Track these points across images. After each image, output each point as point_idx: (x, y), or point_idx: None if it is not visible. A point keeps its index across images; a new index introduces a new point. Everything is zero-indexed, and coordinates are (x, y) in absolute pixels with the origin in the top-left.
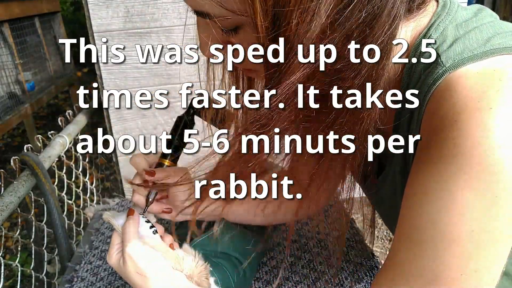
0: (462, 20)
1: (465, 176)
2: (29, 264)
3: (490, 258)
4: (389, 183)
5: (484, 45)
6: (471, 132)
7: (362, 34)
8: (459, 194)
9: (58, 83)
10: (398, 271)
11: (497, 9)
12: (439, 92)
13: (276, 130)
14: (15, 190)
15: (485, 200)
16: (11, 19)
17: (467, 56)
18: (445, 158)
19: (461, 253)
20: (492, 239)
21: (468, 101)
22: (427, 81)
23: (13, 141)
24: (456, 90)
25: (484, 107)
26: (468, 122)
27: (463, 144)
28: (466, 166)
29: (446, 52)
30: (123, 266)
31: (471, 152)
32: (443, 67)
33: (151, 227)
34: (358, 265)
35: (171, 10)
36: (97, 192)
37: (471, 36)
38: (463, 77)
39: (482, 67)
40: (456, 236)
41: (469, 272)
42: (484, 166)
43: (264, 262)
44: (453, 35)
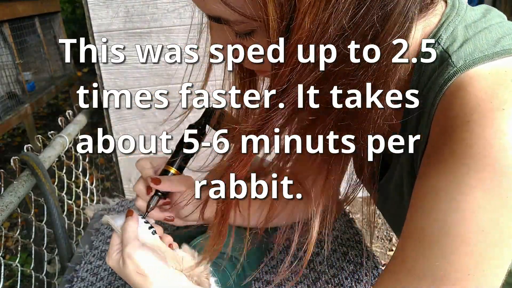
0: (471, 20)
1: (476, 176)
2: (29, 264)
3: (497, 259)
4: (394, 183)
5: (495, 46)
6: (483, 133)
7: (376, 34)
8: (470, 195)
9: (58, 83)
10: (405, 272)
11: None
12: (451, 92)
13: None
14: (15, 190)
15: (496, 201)
16: (11, 19)
17: (478, 56)
18: (457, 158)
19: (470, 253)
20: (501, 240)
21: (480, 101)
22: (438, 81)
23: (13, 141)
24: (468, 90)
25: (496, 107)
26: (480, 122)
27: (475, 145)
28: (478, 167)
29: (456, 52)
30: (122, 266)
31: (483, 152)
32: (454, 67)
33: (150, 227)
34: (358, 265)
35: (171, 10)
36: (97, 192)
37: (481, 37)
38: (475, 78)
39: (494, 67)
40: (466, 236)
41: (477, 272)
42: (496, 166)
43: (264, 262)
44: (463, 35)
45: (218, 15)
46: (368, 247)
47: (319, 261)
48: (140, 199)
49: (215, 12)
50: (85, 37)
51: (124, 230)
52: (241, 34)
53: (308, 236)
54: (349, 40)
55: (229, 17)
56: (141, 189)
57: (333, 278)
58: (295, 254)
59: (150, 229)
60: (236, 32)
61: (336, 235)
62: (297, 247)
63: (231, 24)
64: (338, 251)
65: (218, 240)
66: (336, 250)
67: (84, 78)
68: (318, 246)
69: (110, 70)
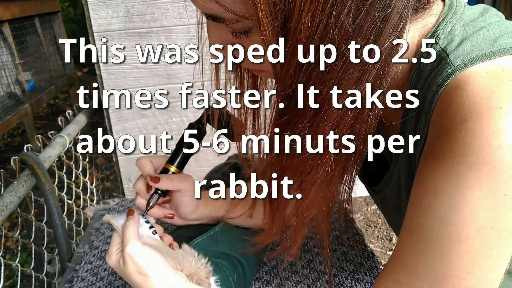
0: (469, 19)
1: (474, 175)
2: (29, 264)
3: (496, 257)
4: (394, 182)
5: (492, 45)
6: (481, 131)
7: (377, 35)
8: (468, 193)
9: (58, 83)
10: (403, 271)
11: (497, 9)
12: (449, 91)
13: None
14: (15, 190)
15: (494, 199)
16: (11, 19)
17: (476, 56)
18: (455, 156)
19: (468, 252)
20: (499, 237)
21: (478, 100)
22: (435, 80)
23: (13, 141)
24: (466, 89)
25: (494, 106)
26: (478, 121)
27: (473, 143)
28: (476, 165)
29: (454, 51)
30: (123, 266)
31: (481, 151)
32: (451, 66)
33: (151, 227)
34: (358, 265)
35: (171, 10)
36: (97, 192)
37: (479, 36)
38: (473, 77)
39: (491, 66)
40: (464, 234)
41: (476, 270)
42: (494, 165)
43: (264, 262)
44: (460, 34)
45: (213, 14)
46: (368, 247)
47: (319, 261)
48: (139, 197)
49: (209, 11)
50: (85, 37)
51: (125, 229)
52: (238, 33)
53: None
54: (350, 41)
55: (223, 15)
56: (140, 187)
57: (333, 278)
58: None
59: (151, 229)
60: (233, 30)
61: (336, 235)
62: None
63: (227, 22)
64: (338, 251)
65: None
66: (336, 250)
67: (84, 78)
68: (319, 246)
69: (110, 70)
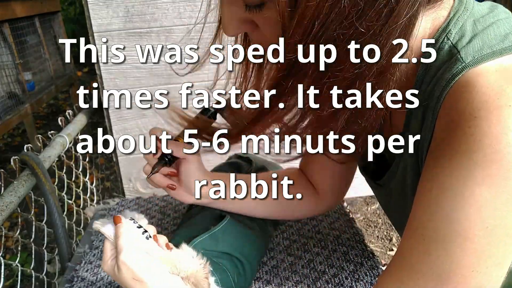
0: (479, 15)
1: (483, 173)
2: (29, 264)
3: (501, 255)
4: (398, 178)
5: (503, 42)
6: (490, 129)
7: (390, 14)
8: (476, 191)
9: (58, 83)
10: (407, 270)
11: None
12: (458, 88)
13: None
14: (15, 190)
15: (502, 197)
16: (11, 19)
17: (487, 53)
18: (463, 153)
19: (474, 250)
20: (505, 236)
21: (488, 98)
22: (445, 76)
23: (13, 141)
24: (476, 86)
25: (503, 104)
26: (487, 119)
27: (482, 141)
28: (484, 163)
29: (465, 48)
30: (118, 273)
31: (490, 148)
32: (462, 63)
33: (144, 232)
34: (358, 265)
35: (171, 10)
36: (97, 192)
37: (489, 32)
38: (483, 74)
39: (501, 64)
40: (470, 233)
41: (481, 269)
42: (503, 163)
43: (264, 262)
44: (471, 30)
45: None
46: (368, 247)
47: (319, 261)
48: (147, 165)
49: None
50: (85, 37)
51: (117, 237)
52: (251, 8)
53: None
54: (364, 16)
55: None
56: (149, 155)
57: (334, 278)
58: (295, 254)
59: (144, 234)
60: (246, 3)
61: (336, 235)
62: (297, 246)
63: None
64: (338, 250)
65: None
66: (336, 250)
67: (84, 78)
68: (319, 246)
69: (110, 70)
